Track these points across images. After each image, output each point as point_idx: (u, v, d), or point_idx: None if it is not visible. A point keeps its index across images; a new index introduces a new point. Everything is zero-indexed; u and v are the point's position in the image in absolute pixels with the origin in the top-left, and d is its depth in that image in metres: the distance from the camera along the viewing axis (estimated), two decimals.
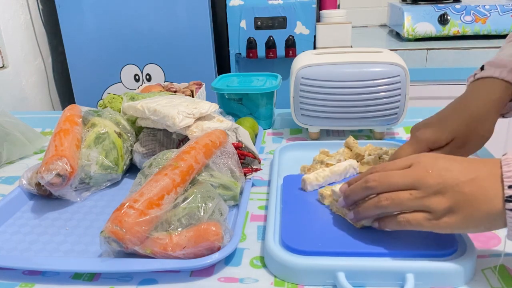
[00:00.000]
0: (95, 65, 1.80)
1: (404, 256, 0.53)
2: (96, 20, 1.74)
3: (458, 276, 0.52)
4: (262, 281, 0.55)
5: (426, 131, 0.64)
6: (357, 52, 0.96)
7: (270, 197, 0.67)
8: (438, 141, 0.63)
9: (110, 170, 0.77)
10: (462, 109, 0.64)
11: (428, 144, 0.64)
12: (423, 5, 1.87)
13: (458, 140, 0.63)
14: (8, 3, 1.67)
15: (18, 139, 0.92)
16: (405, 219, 0.51)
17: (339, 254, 0.54)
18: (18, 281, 0.57)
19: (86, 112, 0.84)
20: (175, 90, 1.14)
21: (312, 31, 1.72)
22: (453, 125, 0.63)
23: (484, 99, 0.63)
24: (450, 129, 0.63)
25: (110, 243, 0.55)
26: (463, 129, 0.62)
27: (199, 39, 1.73)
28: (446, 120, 0.64)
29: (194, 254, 0.56)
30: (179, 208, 0.58)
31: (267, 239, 0.58)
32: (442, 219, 0.49)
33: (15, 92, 1.69)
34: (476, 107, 0.63)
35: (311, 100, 0.92)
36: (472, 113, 0.63)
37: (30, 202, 0.75)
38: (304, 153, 0.86)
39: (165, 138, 0.82)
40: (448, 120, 0.63)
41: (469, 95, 0.65)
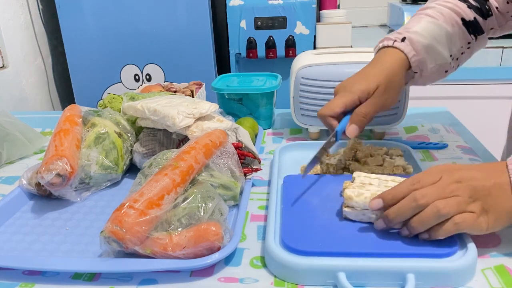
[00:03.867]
0: (95, 65, 1.80)
1: (405, 256, 0.53)
2: (96, 20, 1.74)
3: (458, 276, 0.52)
4: (262, 281, 0.55)
5: (354, 85, 0.72)
6: (357, 52, 0.96)
7: (270, 197, 0.67)
8: (366, 90, 0.71)
9: (110, 170, 0.77)
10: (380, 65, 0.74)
11: (359, 94, 0.71)
12: (423, 5, 1.87)
13: (380, 87, 0.71)
14: (8, 3, 1.67)
15: (18, 139, 0.92)
16: (462, 219, 0.53)
17: (340, 254, 0.54)
18: (18, 281, 0.57)
19: (86, 112, 0.84)
20: (175, 90, 1.14)
21: (312, 31, 1.72)
22: (374, 77, 0.72)
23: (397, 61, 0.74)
24: (373, 80, 0.72)
25: (110, 243, 0.55)
26: (383, 79, 0.72)
27: (199, 39, 1.73)
28: (367, 74, 0.73)
29: (194, 254, 0.56)
30: (179, 208, 0.58)
31: (267, 239, 0.58)
32: (480, 219, 0.53)
33: (15, 92, 1.69)
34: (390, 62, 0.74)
35: (311, 100, 0.92)
36: (387, 67, 0.73)
37: (30, 202, 0.75)
38: (304, 153, 0.86)
39: (165, 138, 0.82)
40: (368, 74, 0.73)
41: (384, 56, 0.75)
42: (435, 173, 0.56)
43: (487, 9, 0.78)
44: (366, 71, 0.74)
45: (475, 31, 0.79)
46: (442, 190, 0.54)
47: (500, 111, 1.74)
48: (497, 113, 1.74)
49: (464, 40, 0.78)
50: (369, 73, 0.73)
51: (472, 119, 1.35)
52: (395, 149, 0.81)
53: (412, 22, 0.77)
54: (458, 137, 0.95)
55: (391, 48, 0.75)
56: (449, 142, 0.91)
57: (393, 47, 0.74)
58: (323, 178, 0.73)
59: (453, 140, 0.93)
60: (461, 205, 0.53)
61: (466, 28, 0.78)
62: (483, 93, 1.76)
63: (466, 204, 0.53)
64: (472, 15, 0.78)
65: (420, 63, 0.75)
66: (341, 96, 0.72)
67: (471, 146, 0.91)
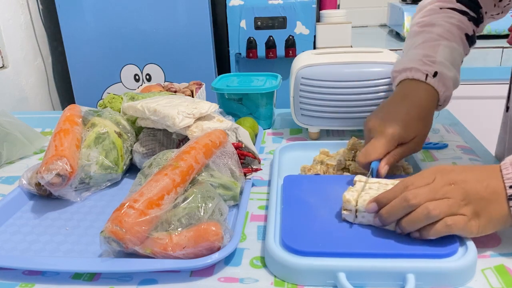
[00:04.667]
0: (95, 65, 1.80)
1: (405, 257, 0.53)
2: (96, 20, 1.74)
3: (458, 276, 0.52)
4: (262, 281, 0.55)
5: (396, 129, 0.70)
6: (357, 52, 0.96)
7: (270, 197, 0.67)
8: (407, 138, 0.71)
9: (110, 170, 0.77)
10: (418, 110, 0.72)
11: (400, 141, 0.71)
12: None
13: (419, 137, 0.72)
14: (8, 3, 1.67)
15: (18, 139, 0.92)
16: (453, 221, 0.53)
17: (340, 254, 0.54)
18: (18, 281, 0.57)
19: (86, 112, 0.84)
20: (175, 90, 1.14)
21: (312, 31, 1.72)
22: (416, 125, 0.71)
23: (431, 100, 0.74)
24: (414, 128, 0.71)
25: (110, 243, 0.55)
26: (422, 128, 0.72)
27: (199, 39, 1.73)
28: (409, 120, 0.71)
29: (194, 254, 0.56)
30: (179, 208, 0.58)
31: (267, 239, 0.58)
32: (471, 223, 0.54)
33: (15, 92, 1.69)
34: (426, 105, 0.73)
35: (311, 100, 0.92)
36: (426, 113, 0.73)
37: (30, 202, 0.75)
38: (304, 153, 0.86)
39: (165, 138, 0.82)
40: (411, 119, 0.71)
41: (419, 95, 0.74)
42: (428, 175, 0.57)
43: (480, 16, 0.81)
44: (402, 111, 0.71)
45: (472, 43, 0.81)
46: (434, 192, 0.54)
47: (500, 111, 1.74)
48: (497, 113, 1.74)
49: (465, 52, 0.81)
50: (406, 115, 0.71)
51: (472, 119, 1.35)
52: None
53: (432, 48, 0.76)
54: (458, 137, 0.95)
55: (422, 84, 0.74)
56: (449, 142, 0.91)
57: (426, 83, 0.73)
58: (323, 178, 0.73)
59: (453, 140, 0.93)
60: (453, 207, 0.53)
61: (467, 42, 0.80)
62: (483, 93, 1.76)
63: (458, 207, 0.53)
64: (472, 28, 0.79)
65: (447, 97, 0.76)
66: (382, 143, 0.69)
67: (471, 146, 0.91)
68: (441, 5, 0.80)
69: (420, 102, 0.73)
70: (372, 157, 0.69)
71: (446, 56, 0.75)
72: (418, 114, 0.71)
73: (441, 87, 0.74)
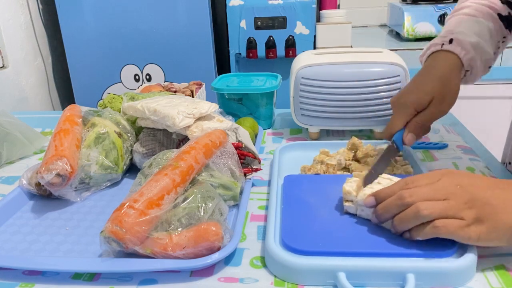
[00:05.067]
0: (95, 65, 1.80)
1: (405, 256, 0.53)
2: (96, 20, 1.74)
3: (458, 276, 0.52)
4: (262, 281, 0.55)
5: (409, 97, 0.71)
6: (357, 52, 0.96)
7: (270, 197, 0.67)
8: (422, 102, 0.70)
9: (110, 170, 0.77)
10: (433, 72, 0.72)
11: (415, 106, 0.71)
12: (423, 5, 1.87)
13: (437, 98, 0.70)
14: (8, 3, 1.67)
15: (18, 139, 0.92)
16: (443, 224, 0.52)
17: (340, 254, 0.54)
18: (18, 281, 0.57)
19: (86, 112, 0.84)
20: (175, 90, 1.14)
21: (312, 31, 1.72)
22: (429, 86, 0.71)
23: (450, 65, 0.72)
24: (428, 90, 0.70)
25: (110, 243, 0.55)
26: (439, 88, 0.71)
27: (199, 39, 1.73)
28: (422, 84, 0.72)
29: (194, 254, 0.56)
30: (179, 208, 0.58)
31: (267, 239, 0.58)
32: (471, 228, 0.52)
33: (15, 92, 1.69)
34: (443, 67, 0.72)
35: (311, 100, 0.92)
36: (442, 74, 0.72)
37: (30, 202, 0.75)
38: (304, 153, 0.86)
39: (165, 138, 0.82)
40: (423, 84, 0.72)
41: (436, 61, 0.74)
42: (434, 176, 0.56)
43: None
44: (419, 80, 0.73)
45: (510, 25, 0.79)
46: (434, 192, 0.53)
47: (500, 111, 1.75)
48: (497, 113, 1.74)
49: (500, 35, 0.78)
50: (423, 83, 0.72)
51: (472, 119, 1.35)
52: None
53: (453, 24, 0.77)
54: (458, 137, 0.95)
55: (441, 52, 0.73)
56: (449, 142, 0.91)
57: (443, 50, 0.73)
58: (323, 178, 0.73)
59: (453, 140, 0.93)
60: (449, 210, 0.52)
61: (502, 22, 0.78)
62: (483, 93, 1.76)
63: (456, 210, 0.52)
64: (507, 10, 0.78)
65: (471, 60, 0.73)
66: (399, 114, 0.72)
67: (471, 146, 0.91)
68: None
69: (438, 67, 0.72)
70: (392, 130, 0.70)
71: (467, 27, 0.74)
72: (434, 78, 0.70)
73: (458, 50, 0.72)
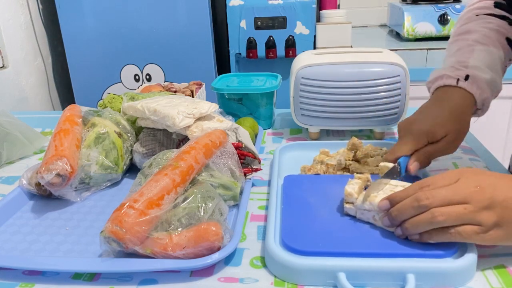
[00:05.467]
0: (95, 65, 1.80)
1: (405, 257, 0.53)
2: (96, 20, 1.74)
3: (458, 276, 0.52)
4: (262, 281, 0.55)
5: (423, 126, 0.69)
6: (357, 52, 0.96)
7: (270, 197, 0.67)
8: (436, 135, 0.69)
9: (110, 170, 0.77)
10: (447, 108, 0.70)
11: (428, 137, 0.69)
12: (423, 5, 1.87)
13: (451, 135, 0.69)
14: (8, 3, 1.67)
15: (18, 139, 0.92)
16: (457, 232, 0.51)
17: (340, 254, 0.54)
18: (18, 281, 0.57)
19: (86, 112, 0.84)
20: (175, 90, 1.14)
21: (312, 31, 1.72)
22: (444, 121, 0.69)
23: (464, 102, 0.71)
24: (443, 124, 0.69)
25: (110, 243, 0.55)
26: (453, 125, 0.69)
27: (199, 39, 1.73)
28: (437, 117, 0.70)
29: (194, 254, 0.56)
30: (179, 208, 0.58)
31: (267, 239, 0.58)
32: (488, 233, 0.51)
33: (15, 92, 1.69)
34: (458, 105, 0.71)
35: (311, 100, 0.92)
36: (457, 111, 0.70)
37: (30, 202, 0.75)
38: (304, 153, 0.86)
39: (165, 138, 0.82)
40: (439, 117, 0.70)
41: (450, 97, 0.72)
42: (451, 176, 0.54)
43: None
44: (433, 111, 0.71)
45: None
46: (452, 194, 0.52)
47: (500, 111, 1.75)
48: (497, 113, 1.74)
49: (507, 58, 0.77)
50: (438, 116, 0.70)
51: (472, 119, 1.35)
52: None
53: (465, 54, 0.74)
54: None
55: (455, 88, 0.71)
56: None
57: (458, 87, 0.71)
58: (323, 178, 0.73)
59: None
60: (465, 215, 0.51)
61: (510, 46, 0.76)
62: None
63: (473, 215, 0.51)
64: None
65: (485, 99, 0.72)
66: (409, 140, 0.70)
67: (471, 146, 0.91)
68: (478, 12, 0.78)
69: (453, 103, 0.70)
70: (398, 153, 0.69)
71: (480, 60, 0.72)
72: (450, 113, 0.69)
73: (475, 90, 0.70)
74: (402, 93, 0.89)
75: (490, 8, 0.77)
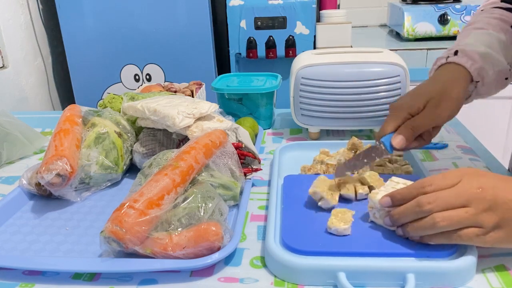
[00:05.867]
0: (95, 65, 1.80)
1: (405, 256, 0.53)
2: (96, 20, 1.74)
3: (458, 276, 0.52)
4: (262, 281, 0.55)
5: (402, 99, 0.71)
6: (357, 52, 0.96)
7: (270, 197, 0.67)
8: (415, 104, 0.68)
9: (110, 170, 0.77)
10: (435, 80, 0.71)
11: (407, 109, 0.69)
12: (423, 5, 1.87)
13: (432, 100, 0.68)
14: (8, 3, 1.67)
15: (18, 139, 0.92)
16: (457, 235, 0.51)
17: (340, 254, 0.54)
18: (18, 281, 0.57)
19: (86, 112, 0.84)
20: (175, 90, 1.14)
21: (312, 31, 1.72)
22: (426, 91, 0.69)
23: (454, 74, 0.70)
24: (424, 93, 0.69)
25: (110, 243, 0.55)
26: (436, 91, 0.68)
27: (199, 39, 1.73)
28: (420, 88, 0.71)
29: (194, 254, 0.56)
30: (179, 208, 0.58)
31: (267, 239, 0.58)
32: (489, 234, 0.51)
33: (15, 92, 1.69)
34: (446, 76, 0.70)
35: (311, 100, 0.92)
36: (444, 81, 0.70)
37: (30, 202, 0.75)
38: (304, 153, 0.86)
39: (165, 138, 0.82)
40: (421, 88, 0.71)
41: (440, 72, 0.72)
42: (453, 176, 0.53)
43: None
44: (420, 86, 0.72)
45: None
46: (454, 197, 0.51)
47: (500, 111, 1.75)
48: (497, 113, 1.74)
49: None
50: (422, 88, 0.71)
51: (472, 119, 1.35)
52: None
53: (461, 37, 0.75)
54: (458, 137, 0.95)
55: (447, 65, 0.72)
56: (449, 142, 0.91)
57: (448, 63, 0.71)
58: None
59: (453, 140, 0.93)
60: (468, 219, 0.50)
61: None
62: None
63: (475, 218, 0.50)
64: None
65: (480, 70, 0.70)
66: (392, 117, 0.70)
67: (471, 146, 0.91)
68: (484, 7, 0.79)
69: (440, 76, 0.70)
70: (382, 132, 0.69)
71: (474, 39, 0.72)
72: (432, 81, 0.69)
73: (464, 60, 0.69)
74: (402, 93, 0.89)
75: (496, 3, 0.78)
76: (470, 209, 0.51)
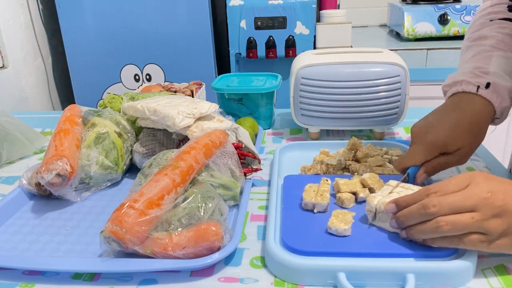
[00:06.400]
0: (95, 65, 1.80)
1: (405, 256, 0.53)
2: (96, 20, 1.74)
3: (458, 276, 0.52)
4: (262, 281, 0.55)
5: (438, 135, 0.66)
6: (357, 52, 0.96)
7: (270, 197, 0.67)
8: (451, 148, 0.66)
9: (110, 170, 0.77)
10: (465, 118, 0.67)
11: (440, 149, 0.66)
12: (423, 5, 1.87)
13: (464, 149, 0.66)
14: (8, 3, 1.67)
15: (18, 139, 0.92)
16: (460, 241, 0.51)
17: (340, 254, 0.54)
18: (18, 281, 0.57)
19: (86, 112, 0.84)
20: (175, 90, 1.14)
21: (312, 31, 1.72)
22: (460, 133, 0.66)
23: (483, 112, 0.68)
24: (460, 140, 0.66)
25: (110, 243, 0.55)
26: (468, 138, 0.66)
27: (199, 39, 1.73)
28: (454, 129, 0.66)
29: (194, 254, 0.56)
30: (179, 208, 0.58)
31: (267, 239, 0.58)
32: (495, 242, 0.50)
33: (15, 92, 1.69)
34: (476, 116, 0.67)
35: (311, 100, 0.92)
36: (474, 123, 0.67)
37: (30, 202, 0.75)
38: (304, 153, 0.86)
39: (165, 138, 0.82)
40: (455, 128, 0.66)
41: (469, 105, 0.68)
42: (460, 181, 0.53)
43: None
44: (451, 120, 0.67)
45: None
46: (461, 201, 0.50)
47: None
48: None
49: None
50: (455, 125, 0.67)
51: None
52: (395, 149, 0.81)
53: (484, 60, 0.72)
54: None
55: (474, 96, 0.68)
56: None
57: (478, 94, 0.68)
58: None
59: None
60: (472, 225, 0.50)
61: None
62: None
63: (480, 224, 0.49)
64: None
65: (505, 109, 0.69)
66: (421, 151, 0.67)
67: None
68: (492, 17, 0.76)
69: (472, 113, 0.67)
70: (408, 163, 0.67)
71: (500, 66, 0.70)
72: (468, 125, 0.66)
73: (495, 98, 0.67)
74: (402, 93, 0.89)
75: (503, 13, 0.76)
76: (477, 214, 0.50)
